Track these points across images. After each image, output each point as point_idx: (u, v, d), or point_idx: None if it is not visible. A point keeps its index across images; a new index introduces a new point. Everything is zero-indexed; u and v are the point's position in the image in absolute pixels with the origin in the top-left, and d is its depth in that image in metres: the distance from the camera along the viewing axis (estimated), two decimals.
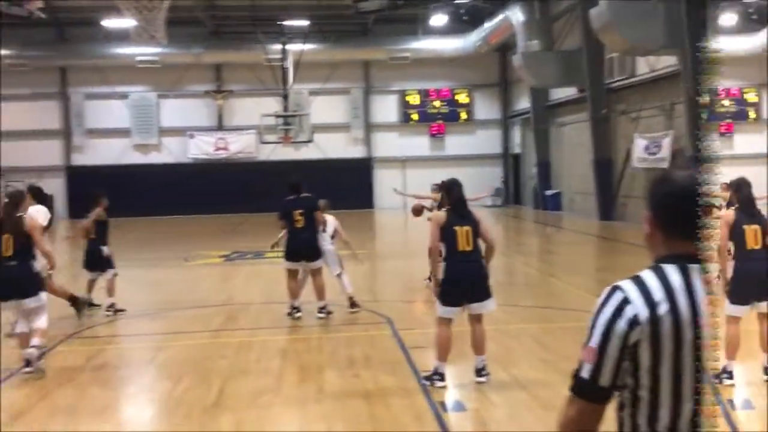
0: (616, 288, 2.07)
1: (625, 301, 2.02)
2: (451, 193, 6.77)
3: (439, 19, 29.85)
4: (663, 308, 2.00)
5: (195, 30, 29.42)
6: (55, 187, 31.72)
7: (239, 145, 32.53)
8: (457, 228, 6.55)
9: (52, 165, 31.67)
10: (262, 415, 6.10)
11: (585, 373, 2.06)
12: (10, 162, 30.11)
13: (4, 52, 29.37)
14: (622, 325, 2.01)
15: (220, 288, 13.05)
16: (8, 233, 7.20)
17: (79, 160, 32.12)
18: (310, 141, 29.11)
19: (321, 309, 9.76)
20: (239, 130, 32.45)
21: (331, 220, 10.31)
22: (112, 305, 10.43)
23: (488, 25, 28.68)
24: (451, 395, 6.48)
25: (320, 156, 32.33)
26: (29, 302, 7.26)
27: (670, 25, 18.08)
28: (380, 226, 27.89)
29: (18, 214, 7.31)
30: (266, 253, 13.43)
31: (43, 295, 7.43)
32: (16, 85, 30.80)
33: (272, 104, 29.51)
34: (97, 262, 10.49)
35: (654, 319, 1.99)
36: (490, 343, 7.77)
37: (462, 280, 6.56)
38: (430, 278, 12.69)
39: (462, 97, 33.56)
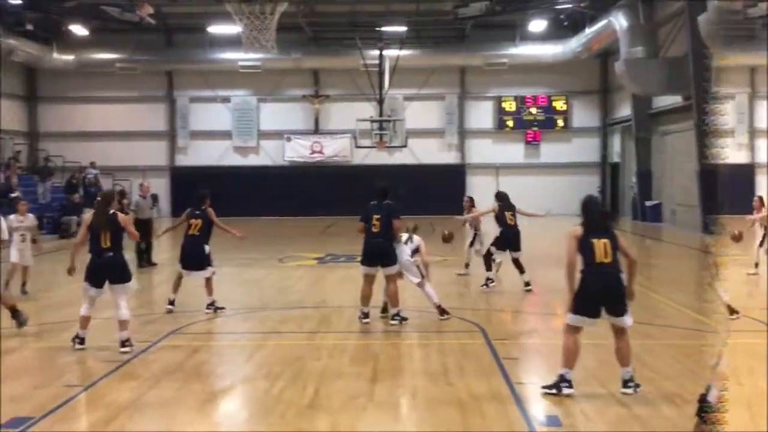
0: None
1: None
2: (588, 209, 6.90)
3: (537, 25, 29.43)
4: None
5: (295, 36, 30.06)
6: (160, 186, 33.09)
7: (334, 149, 33.02)
8: (594, 240, 6.69)
9: (158, 165, 33.02)
10: (356, 417, 6.16)
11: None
12: (118, 162, 31.64)
13: (115, 56, 30.93)
14: None
15: (313, 290, 13.28)
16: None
17: (182, 160, 33.37)
18: (404, 146, 29.27)
19: (394, 316, 9.80)
20: (334, 134, 32.95)
21: (416, 238, 10.35)
22: (212, 303, 10.71)
23: (590, 31, 28.05)
24: (546, 409, 6.36)
25: (413, 161, 32.43)
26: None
27: None
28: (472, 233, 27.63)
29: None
30: (358, 257, 13.57)
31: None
32: (125, 88, 32.38)
33: (367, 109, 29.80)
34: (197, 260, 10.72)
35: None
36: (587, 358, 7.63)
37: (599, 290, 6.62)
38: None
39: (559, 104, 32.95)
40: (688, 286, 14.09)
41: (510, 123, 33.03)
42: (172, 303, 10.72)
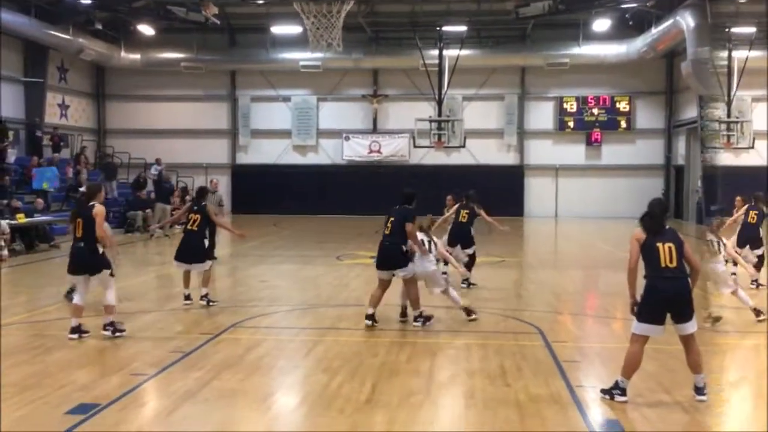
0: None
1: None
2: (654, 212, 6.70)
3: (601, 24, 28.92)
4: None
5: (356, 36, 30.23)
6: (221, 183, 33.61)
7: (392, 149, 33.09)
8: (659, 244, 6.49)
9: (220, 163, 33.65)
10: (413, 415, 6.17)
11: None
12: (182, 159, 32.35)
13: (180, 55, 31.65)
14: None
15: (370, 288, 13.23)
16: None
17: (243, 158, 33.91)
18: (462, 146, 29.13)
19: (417, 318, 9.63)
20: (393, 133, 33.01)
21: (440, 243, 10.25)
22: (206, 295, 10.83)
23: (655, 31, 27.43)
24: (607, 413, 6.26)
25: (472, 161, 32.25)
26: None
27: None
28: (530, 235, 27.41)
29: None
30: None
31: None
32: (191, 86, 33.08)
33: (426, 109, 29.77)
34: (193, 253, 10.83)
35: None
36: (649, 363, 7.47)
37: (664, 297, 6.43)
38: (467, 283, 12.61)
39: (622, 105, 32.32)
40: (754, 292, 13.65)
41: (571, 124, 32.56)
42: (188, 297, 10.85)
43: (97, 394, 6.59)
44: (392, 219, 9.62)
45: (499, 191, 31.90)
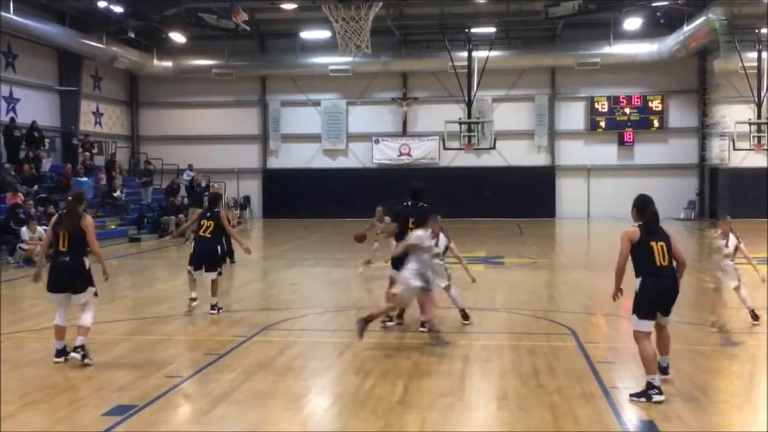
0: None
1: None
2: (645, 210, 6.73)
3: (632, 23, 28.66)
4: None
5: (384, 39, 30.29)
6: (252, 188, 34.03)
7: (422, 151, 33.08)
8: (653, 243, 6.61)
9: (251, 167, 33.93)
10: (445, 416, 6.17)
11: None
12: (214, 164, 32.69)
13: (211, 62, 32.02)
14: None
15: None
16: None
17: (274, 163, 34.16)
18: (492, 148, 29.02)
19: (423, 323, 9.19)
20: (422, 136, 33.00)
21: (442, 237, 9.83)
22: (216, 305, 10.65)
23: (687, 29, 27.08)
24: (642, 414, 6.20)
25: (502, 163, 32.13)
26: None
27: None
28: (562, 236, 27.21)
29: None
30: (446, 259, 13.61)
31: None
32: (222, 93, 33.44)
33: (456, 111, 29.71)
34: (206, 260, 10.67)
35: None
36: (685, 364, 7.44)
37: (661, 294, 6.63)
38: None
39: (655, 104, 31.95)
40: None
41: (603, 123, 32.27)
42: (194, 300, 10.68)
43: (134, 395, 6.70)
44: (413, 220, 9.18)
45: (531, 193, 31.79)
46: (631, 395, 6.53)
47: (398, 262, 8.97)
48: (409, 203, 9.52)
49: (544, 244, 22.94)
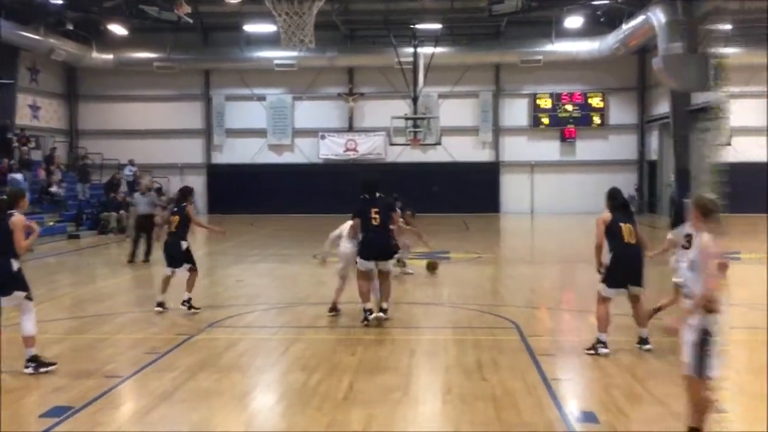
0: None
1: None
2: (615, 198, 8.23)
3: (574, 21, 29.17)
4: None
5: (330, 34, 30.19)
6: (196, 183, 33.50)
7: (368, 147, 33.10)
8: (622, 224, 8.07)
9: (195, 162, 33.43)
10: (391, 412, 6.18)
11: None
12: (157, 159, 32.11)
13: (153, 54, 31.39)
14: None
15: (348, 286, 13.30)
16: None
17: (218, 158, 33.73)
18: (438, 144, 29.22)
19: (385, 310, 9.52)
20: (369, 131, 33.03)
21: (347, 224, 10.02)
22: (188, 300, 10.44)
23: (626, 27, 27.70)
24: (583, 405, 6.33)
25: (448, 159, 32.38)
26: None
27: None
28: (506, 231, 27.56)
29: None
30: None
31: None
32: (164, 86, 32.85)
33: (402, 107, 29.84)
34: (174, 256, 10.59)
35: None
36: (623, 356, 7.63)
37: (627, 266, 8.00)
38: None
39: (596, 101, 32.63)
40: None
41: (545, 120, 32.80)
42: (160, 304, 10.43)
43: (72, 396, 6.53)
44: (377, 209, 9.43)
45: (476, 188, 32.13)
46: (586, 350, 7.88)
47: (375, 252, 9.55)
48: (367, 196, 9.61)
49: (489, 239, 23.22)
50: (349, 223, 9.87)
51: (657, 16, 25.18)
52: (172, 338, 8.84)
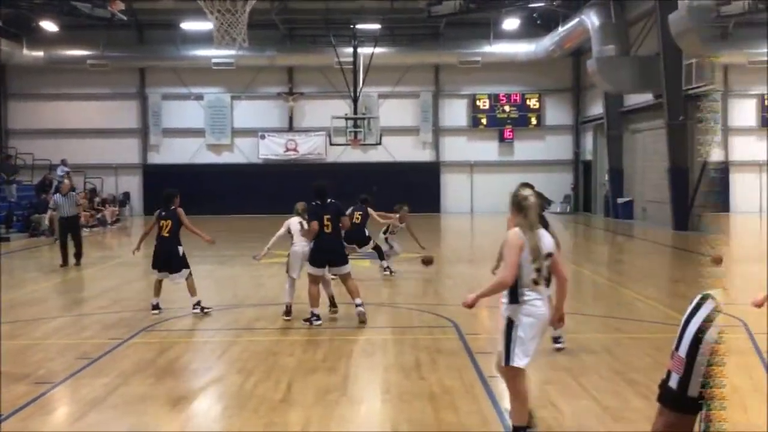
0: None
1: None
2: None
3: (511, 23, 29.64)
4: None
5: (269, 33, 29.95)
6: (132, 184, 32.85)
7: (308, 147, 32.96)
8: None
9: (130, 163, 32.72)
10: (329, 413, 6.16)
11: (673, 383, 1.98)
12: (90, 159, 31.29)
13: (86, 52, 30.58)
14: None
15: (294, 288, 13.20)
16: None
17: (155, 158, 33.10)
18: (378, 144, 29.25)
19: (358, 305, 9.69)
20: (309, 131, 32.89)
21: (293, 222, 10.29)
22: (198, 303, 10.44)
23: (562, 30, 28.30)
24: None
25: (388, 159, 32.49)
26: None
27: None
28: (447, 230, 27.80)
29: None
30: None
31: None
32: (97, 85, 32.05)
33: (342, 107, 29.80)
34: (168, 262, 10.50)
35: None
36: (557, 354, 7.76)
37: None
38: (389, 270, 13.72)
39: (533, 102, 33.22)
40: (658, 281, 14.30)
41: (484, 121, 33.23)
42: (156, 307, 10.37)
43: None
44: (328, 216, 9.59)
45: (416, 188, 32.25)
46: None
47: (326, 258, 9.75)
48: (319, 202, 9.76)
49: (429, 238, 23.32)
50: (295, 219, 10.27)
51: (591, 19, 25.81)
52: (104, 343, 8.63)
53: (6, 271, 16.33)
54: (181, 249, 10.57)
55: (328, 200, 9.78)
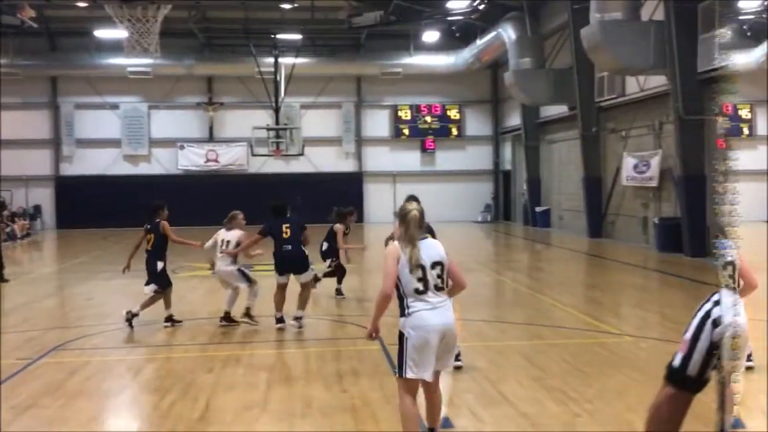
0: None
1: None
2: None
3: (431, 36, 30.04)
4: None
5: (187, 42, 29.46)
6: (44, 197, 31.65)
7: (230, 157, 32.52)
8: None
9: (42, 174, 31.52)
10: (249, 428, 6.06)
11: (676, 362, 2.23)
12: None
13: None
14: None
15: (207, 301, 12.97)
16: None
17: (68, 170, 31.99)
18: (301, 154, 29.15)
19: (297, 318, 10.00)
20: (230, 142, 32.45)
21: (221, 233, 10.37)
22: (169, 317, 10.40)
23: (480, 43, 28.86)
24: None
25: (311, 169, 32.36)
26: None
27: (660, 45, 18.26)
28: (369, 240, 27.84)
29: None
30: (255, 266, 13.44)
31: None
32: (7, 94, 30.71)
33: (263, 117, 29.53)
34: (149, 275, 10.45)
35: None
36: (480, 359, 7.86)
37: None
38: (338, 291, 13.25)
39: (453, 113, 33.72)
40: (574, 288, 14.69)
41: (406, 131, 33.53)
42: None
43: None
44: (288, 225, 9.87)
45: (339, 198, 31.96)
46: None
47: (288, 266, 9.94)
48: (279, 219, 9.97)
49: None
50: (221, 231, 10.38)
51: (507, 33, 26.42)
52: (12, 363, 8.24)
53: None
54: (160, 264, 10.41)
55: (288, 216, 10.10)
